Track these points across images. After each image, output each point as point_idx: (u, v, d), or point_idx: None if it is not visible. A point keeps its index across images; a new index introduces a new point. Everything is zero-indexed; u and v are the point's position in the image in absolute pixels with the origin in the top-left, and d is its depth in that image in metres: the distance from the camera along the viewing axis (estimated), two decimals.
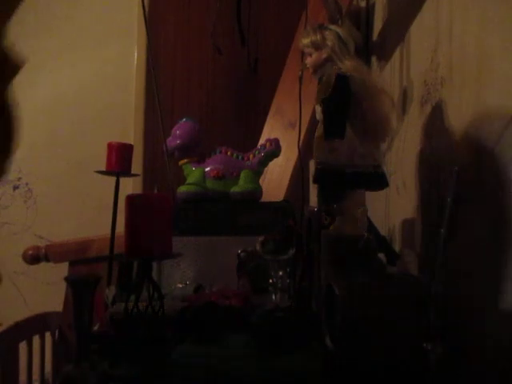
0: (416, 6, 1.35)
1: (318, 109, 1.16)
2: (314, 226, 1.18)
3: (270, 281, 1.07)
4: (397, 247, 1.44)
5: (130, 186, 2.25)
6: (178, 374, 0.86)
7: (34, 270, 2.12)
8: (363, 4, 1.92)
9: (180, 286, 1.26)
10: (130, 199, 0.94)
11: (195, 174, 1.45)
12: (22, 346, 1.45)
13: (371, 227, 1.20)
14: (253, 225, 1.29)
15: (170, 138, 1.48)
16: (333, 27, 1.18)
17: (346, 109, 1.11)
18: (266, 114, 2.01)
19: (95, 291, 0.83)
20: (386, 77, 1.62)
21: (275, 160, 1.54)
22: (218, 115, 2.47)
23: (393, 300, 0.89)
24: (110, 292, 1.22)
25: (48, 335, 1.60)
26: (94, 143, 1.33)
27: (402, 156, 1.45)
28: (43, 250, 1.91)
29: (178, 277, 1.28)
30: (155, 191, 1.45)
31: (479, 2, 1.00)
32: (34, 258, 1.90)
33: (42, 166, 2.41)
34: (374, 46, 1.80)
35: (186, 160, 1.48)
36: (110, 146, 1.56)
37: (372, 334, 0.86)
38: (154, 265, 1.03)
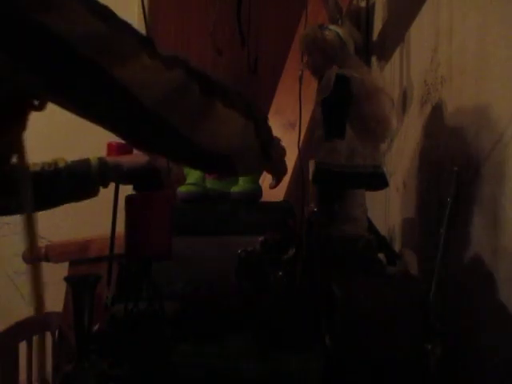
0: (416, 6, 1.35)
1: (318, 109, 1.16)
2: (313, 226, 1.18)
3: (270, 281, 1.07)
4: (397, 247, 1.44)
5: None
6: (177, 373, 0.86)
7: None
8: (363, 4, 1.92)
9: (180, 285, 1.26)
10: (130, 199, 0.94)
11: (195, 174, 1.45)
12: (22, 346, 1.45)
13: (371, 227, 1.19)
14: (253, 225, 1.28)
15: None
16: (333, 27, 1.18)
17: (345, 109, 1.11)
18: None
19: (95, 291, 0.83)
20: (386, 77, 1.62)
21: None
22: None
23: (393, 300, 0.89)
24: (110, 292, 1.22)
25: (48, 335, 1.60)
26: (94, 143, 1.33)
27: (401, 156, 1.45)
28: (43, 250, 1.91)
29: (178, 277, 1.28)
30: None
31: (479, 2, 1.00)
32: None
33: None
34: (374, 46, 1.80)
35: None
36: (109, 146, 1.55)
37: (372, 334, 0.86)
38: (154, 265, 1.03)
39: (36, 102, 0.75)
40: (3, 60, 0.61)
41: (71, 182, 1.13)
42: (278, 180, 1.06)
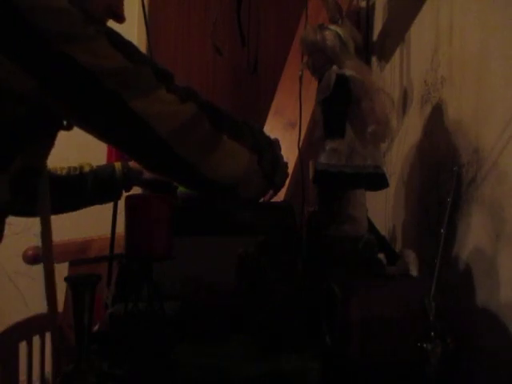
0: (416, 6, 1.35)
1: (318, 109, 1.16)
2: (313, 227, 1.18)
3: (270, 281, 1.07)
4: (397, 247, 1.44)
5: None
6: (177, 373, 0.86)
7: (34, 270, 2.11)
8: (363, 4, 1.92)
9: (180, 285, 1.26)
10: (130, 200, 0.94)
11: None
12: (22, 346, 1.45)
13: (371, 227, 1.19)
14: (253, 225, 1.28)
15: None
16: (333, 27, 1.18)
17: (345, 109, 1.11)
18: (266, 113, 2.01)
19: (95, 291, 0.83)
20: (386, 77, 1.62)
21: None
22: None
23: (393, 300, 0.89)
24: (110, 292, 1.22)
25: (48, 335, 1.60)
26: (94, 143, 1.33)
27: (401, 156, 1.45)
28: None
29: (178, 277, 1.28)
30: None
31: (479, 2, 1.00)
32: (34, 258, 1.90)
33: None
34: (374, 46, 1.80)
35: None
36: (110, 146, 1.56)
37: (372, 334, 0.86)
38: (154, 265, 1.03)
39: (64, 122, 0.80)
40: (31, 84, 0.65)
41: (96, 186, 1.19)
42: (275, 193, 1.12)
